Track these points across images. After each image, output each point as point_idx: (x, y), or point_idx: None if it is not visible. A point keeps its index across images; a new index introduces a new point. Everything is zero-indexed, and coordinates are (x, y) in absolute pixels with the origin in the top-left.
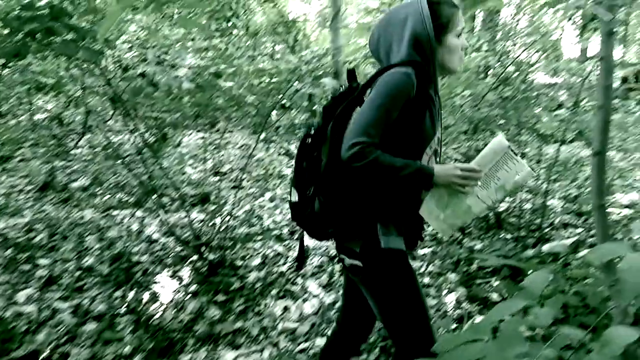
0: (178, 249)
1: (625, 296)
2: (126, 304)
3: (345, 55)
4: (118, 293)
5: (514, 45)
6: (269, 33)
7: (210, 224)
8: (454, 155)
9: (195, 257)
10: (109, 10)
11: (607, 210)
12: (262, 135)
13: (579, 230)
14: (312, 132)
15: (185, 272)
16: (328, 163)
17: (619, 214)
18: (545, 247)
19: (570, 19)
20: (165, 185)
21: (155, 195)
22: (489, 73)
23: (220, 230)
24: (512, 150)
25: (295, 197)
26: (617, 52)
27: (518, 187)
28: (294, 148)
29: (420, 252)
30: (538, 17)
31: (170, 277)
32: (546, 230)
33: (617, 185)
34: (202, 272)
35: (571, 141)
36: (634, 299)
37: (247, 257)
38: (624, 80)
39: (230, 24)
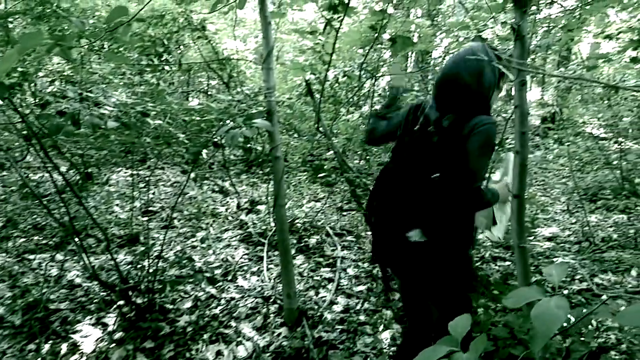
0: (103, 293)
1: (535, 342)
2: (41, 358)
3: (282, 93)
4: (31, 346)
5: None
6: (203, 69)
7: (139, 266)
8: None
9: (121, 302)
10: (6, 53)
11: (531, 244)
12: (193, 174)
13: (508, 263)
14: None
15: (111, 319)
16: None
17: (542, 246)
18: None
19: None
20: (89, 225)
21: (77, 238)
22: None
23: (150, 272)
24: None
25: (418, 236)
26: (536, 94)
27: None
28: (228, 185)
29: (356, 289)
30: None
31: (93, 324)
32: (477, 264)
33: (540, 219)
34: (129, 318)
35: None
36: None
37: (178, 300)
38: (543, 120)
39: (163, 59)
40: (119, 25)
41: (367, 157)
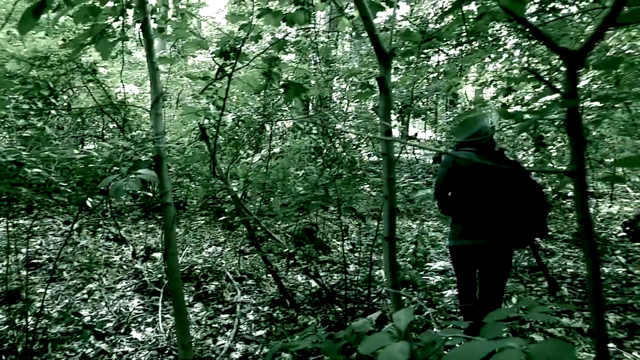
0: None
1: None
2: None
3: (180, 136)
4: None
5: (344, 127)
6: (97, 113)
7: (17, 325)
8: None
9: None
10: None
11: (424, 278)
12: (80, 223)
13: (403, 298)
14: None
15: None
16: None
17: (434, 280)
18: (354, 324)
19: None
20: None
21: None
22: (321, 154)
23: (29, 331)
24: None
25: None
26: (429, 132)
27: None
28: (123, 233)
29: (256, 333)
30: (363, 102)
31: None
32: (374, 300)
33: (432, 254)
34: None
35: None
36: None
37: (62, 359)
38: (435, 159)
39: (49, 102)
40: None
41: (269, 199)
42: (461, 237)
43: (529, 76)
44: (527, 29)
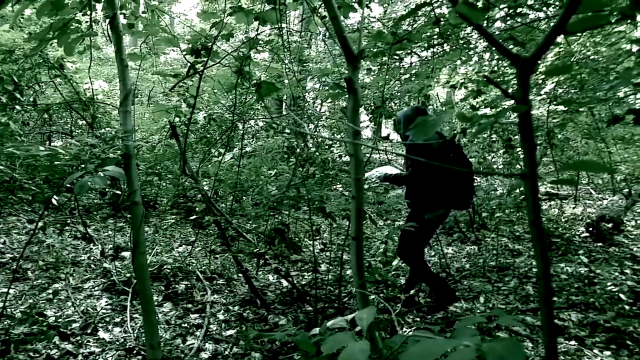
0: None
1: None
2: None
3: (151, 134)
4: None
5: (317, 127)
6: (65, 109)
7: None
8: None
9: None
10: None
11: (394, 275)
12: (42, 222)
13: (373, 297)
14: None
15: None
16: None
17: (404, 279)
18: (329, 324)
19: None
20: None
21: None
22: (294, 153)
23: None
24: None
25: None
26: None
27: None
28: (91, 231)
29: (226, 333)
30: (336, 102)
31: None
32: (345, 299)
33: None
34: None
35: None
36: None
37: None
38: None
39: (14, 97)
40: None
41: (240, 198)
42: (438, 207)
43: (491, 81)
44: (481, 35)
